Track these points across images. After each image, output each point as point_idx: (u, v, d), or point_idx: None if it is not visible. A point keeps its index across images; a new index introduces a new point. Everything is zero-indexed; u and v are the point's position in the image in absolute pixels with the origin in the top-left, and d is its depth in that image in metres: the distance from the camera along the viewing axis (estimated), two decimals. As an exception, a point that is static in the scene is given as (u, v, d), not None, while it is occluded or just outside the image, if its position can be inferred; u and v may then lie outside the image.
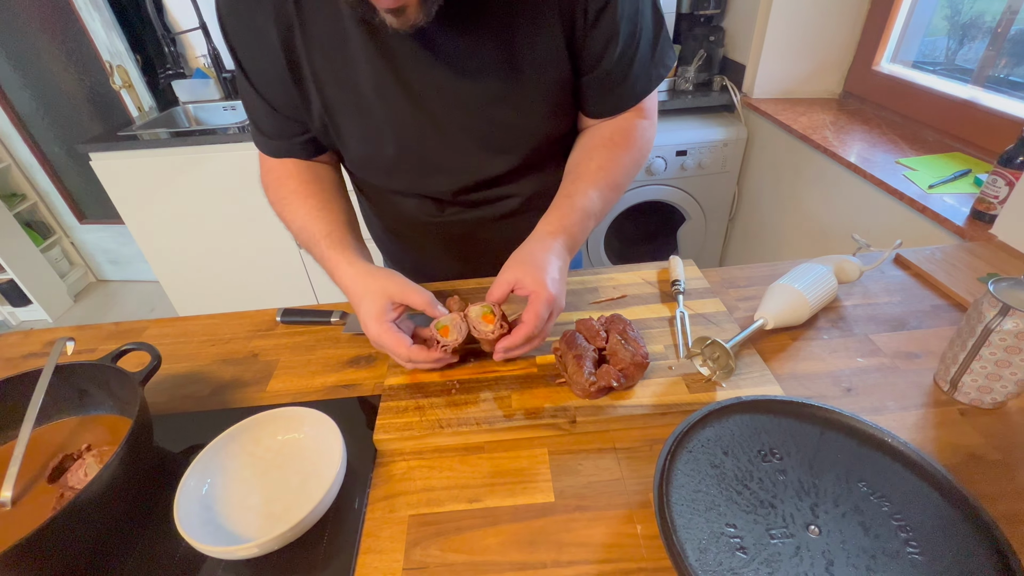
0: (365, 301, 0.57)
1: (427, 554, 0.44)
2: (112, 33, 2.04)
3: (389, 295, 0.57)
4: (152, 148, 1.78)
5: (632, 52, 0.61)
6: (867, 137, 1.33)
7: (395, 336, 0.56)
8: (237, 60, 0.62)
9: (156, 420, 0.54)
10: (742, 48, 1.73)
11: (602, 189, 0.64)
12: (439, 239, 0.80)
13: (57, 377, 0.54)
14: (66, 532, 0.41)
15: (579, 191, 0.63)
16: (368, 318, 0.56)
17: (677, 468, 0.45)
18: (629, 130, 0.67)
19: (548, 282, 0.55)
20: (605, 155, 0.65)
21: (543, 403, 0.55)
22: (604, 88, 0.64)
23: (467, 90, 0.59)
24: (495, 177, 0.70)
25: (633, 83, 0.64)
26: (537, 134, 0.66)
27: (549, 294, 0.54)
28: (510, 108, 0.61)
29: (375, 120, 0.62)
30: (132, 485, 0.47)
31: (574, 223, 0.61)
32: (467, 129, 0.63)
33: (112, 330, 0.77)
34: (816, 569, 0.38)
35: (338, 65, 0.58)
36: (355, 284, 0.58)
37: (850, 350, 0.62)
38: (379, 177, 0.73)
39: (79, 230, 2.70)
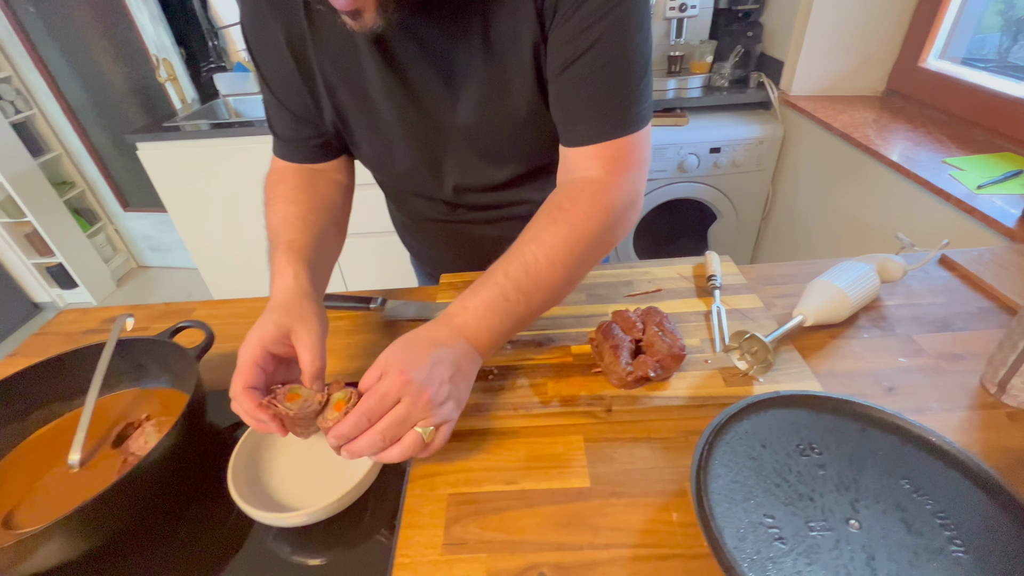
0: (259, 322, 0.49)
1: (466, 531, 0.46)
2: (159, 27, 2.12)
3: (286, 332, 0.49)
4: (194, 139, 1.84)
5: (595, 76, 0.52)
6: (911, 136, 1.29)
7: (243, 368, 0.47)
8: (256, 64, 0.63)
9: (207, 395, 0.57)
10: (781, 44, 1.70)
11: (528, 264, 0.50)
12: (451, 237, 0.82)
13: (118, 351, 0.58)
14: (131, 493, 0.44)
15: (497, 270, 0.51)
16: (255, 335, 0.48)
17: (715, 458, 0.45)
18: (582, 193, 0.53)
19: (408, 360, 0.45)
20: (546, 222, 0.53)
21: (579, 391, 0.56)
22: (560, 107, 0.56)
23: (469, 100, 0.59)
24: (499, 184, 0.70)
25: (589, 113, 0.54)
26: (535, 141, 0.64)
27: (400, 373, 0.43)
28: (502, 110, 0.59)
29: (384, 125, 0.63)
30: (187, 454, 0.50)
31: (479, 304, 0.50)
32: (467, 134, 0.63)
33: (163, 310, 0.81)
34: (856, 562, 0.38)
35: (349, 73, 0.59)
36: (282, 300, 0.51)
37: (892, 350, 0.61)
38: (391, 178, 0.75)
39: (123, 217, 2.82)
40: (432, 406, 0.44)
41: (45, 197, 2.40)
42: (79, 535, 0.42)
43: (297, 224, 0.59)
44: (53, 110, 2.44)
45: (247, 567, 0.45)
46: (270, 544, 0.47)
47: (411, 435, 0.44)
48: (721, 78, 1.78)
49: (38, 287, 2.61)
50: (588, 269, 0.55)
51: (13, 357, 0.74)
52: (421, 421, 0.44)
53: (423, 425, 0.44)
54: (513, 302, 0.50)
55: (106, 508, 0.42)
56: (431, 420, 0.44)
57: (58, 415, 0.57)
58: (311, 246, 0.58)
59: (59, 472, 0.51)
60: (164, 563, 0.46)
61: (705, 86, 1.81)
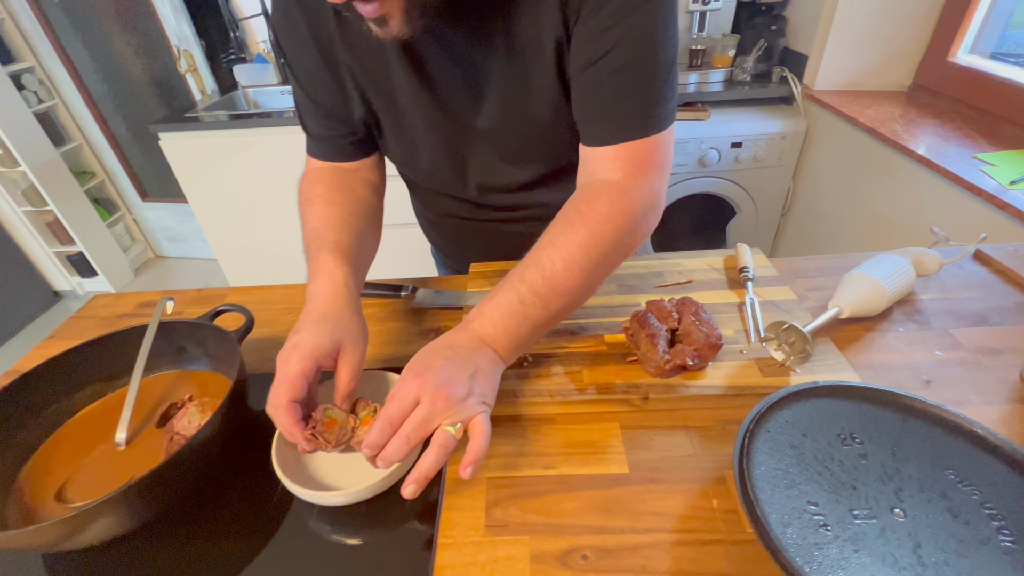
0: (312, 330, 0.48)
1: (507, 514, 0.46)
2: (181, 19, 2.13)
3: (338, 347, 0.49)
4: (214, 129, 1.86)
5: (617, 76, 0.51)
6: (940, 131, 1.28)
7: (293, 379, 0.46)
8: (288, 64, 0.64)
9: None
10: (805, 38, 1.68)
11: (544, 268, 0.50)
12: (475, 233, 0.82)
13: (159, 333, 0.59)
14: (181, 470, 0.44)
15: (513, 275, 0.52)
16: (309, 346, 0.47)
17: (756, 446, 0.45)
18: (600, 196, 0.53)
19: (423, 363, 0.46)
20: (563, 226, 0.52)
21: (614, 379, 0.56)
22: (582, 107, 0.55)
23: (492, 104, 0.59)
24: (522, 185, 0.70)
25: (610, 114, 0.53)
26: (557, 142, 0.63)
27: (416, 376, 0.44)
28: (525, 112, 0.59)
29: (410, 126, 0.64)
30: (232, 434, 0.51)
31: (494, 307, 0.50)
32: (490, 136, 0.63)
33: (195, 295, 0.82)
34: (903, 550, 0.38)
35: (376, 75, 0.59)
36: (335, 310, 0.51)
37: (928, 343, 0.61)
38: (418, 176, 0.75)
39: (141, 207, 2.85)
40: (452, 403, 0.44)
41: (66, 186, 2.43)
42: (131, 509, 0.43)
43: (340, 226, 0.59)
44: (75, 100, 2.47)
45: (288, 544, 0.46)
46: (311, 523, 0.48)
47: (439, 434, 0.44)
48: (743, 72, 1.77)
49: (59, 275, 2.65)
50: (607, 273, 0.54)
51: (51, 339, 0.75)
52: (445, 420, 0.44)
53: (448, 423, 0.44)
54: (529, 305, 0.49)
55: (158, 484, 0.43)
56: (455, 417, 0.44)
57: (102, 395, 0.58)
58: (354, 249, 0.59)
59: (106, 449, 0.52)
60: (209, 538, 0.47)
61: (727, 80, 1.80)
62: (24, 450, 0.52)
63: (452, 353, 0.47)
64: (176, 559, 0.45)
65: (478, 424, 0.45)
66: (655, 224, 0.57)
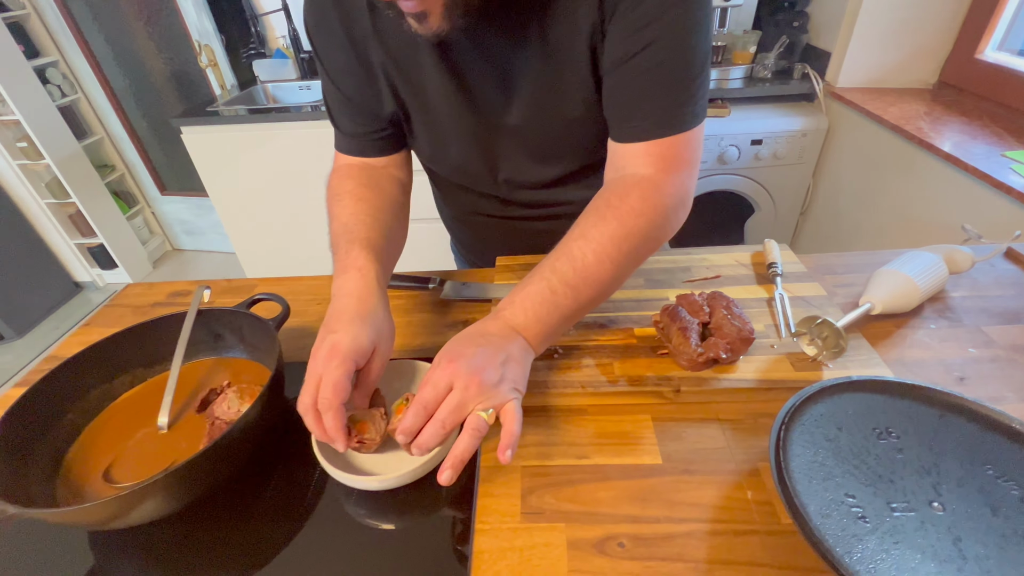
0: (351, 330, 0.48)
1: (542, 501, 0.47)
2: (202, 14, 2.15)
3: (373, 349, 0.49)
4: (234, 124, 1.88)
5: (651, 73, 0.51)
6: (967, 129, 1.26)
7: (339, 382, 0.45)
8: (319, 60, 0.64)
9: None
10: (828, 35, 1.66)
11: (575, 259, 0.51)
12: (500, 229, 0.83)
13: (196, 321, 0.60)
14: (225, 453, 0.45)
15: (544, 265, 0.52)
16: (350, 347, 0.47)
17: (792, 438, 0.45)
18: (632, 190, 0.53)
19: (455, 350, 0.46)
20: (594, 219, 0.53)
21: (645, 372, 0.57)
22: (614, 103, 0.56)
23: (522, 102, 0.60)
24: (550, 181, 0.71)
25: (643, 110, 0.53)
26: (588, 139, 0.64)
27: (447, 361, 0.45)
28: (555, 110, 0.60)
29: (440, 124, 0.65)
30: (271, 419, 0.52)
31: (525, 296, 0.51)
32: (520, 133, 0.64)
33: (225, 286, 0.83)
34: (943, 543, 0.38)
35: (408, 72, 0.60)
36: (370, 309, 0.51)
37: (961, 340, 0.60)
38: (446, 173, 0.76)
39: (160, 201, 2.89)
40: (484, 388, 0.44)
41: (88, 179, 2.47)
42: (178, 490, 0.44)
43: (369, 222, 0.60)
44: (97, 94, 2.50)
45: (325, 526, 0.47)
46: (348, 507, 0.49)
47: (472, 419, 0.44)
48: (764, 69, 1.75)
49: (79, 267, 2.70)
50: (636, 266, 0.55)
51: (87, 326, 0.77)
52: (478, 405, 0.45)
53: (481, 408, 0.45)
54: (560, 295, 0.50)
55: (204, 466, 0.44)
56: (488, 402, 0.45)
57: (142, 380, 0.60)
58: (383, 246, 0.59)
59: (148, 433, 0.54)
60: (249, 520, 0.48)
61: (747, 77, 1.79)
62: (70, 432, 0.53)
63: (484, 340, 0.47)
64: (217, 540, 0.47)
65: (510, 410, 0.45)
66: (683, 220, 0.58)
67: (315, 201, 2.04)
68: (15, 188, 2.37)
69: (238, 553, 0.46)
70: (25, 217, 2.46)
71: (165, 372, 0.60)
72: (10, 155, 2.26)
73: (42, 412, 0.51)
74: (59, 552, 0.47)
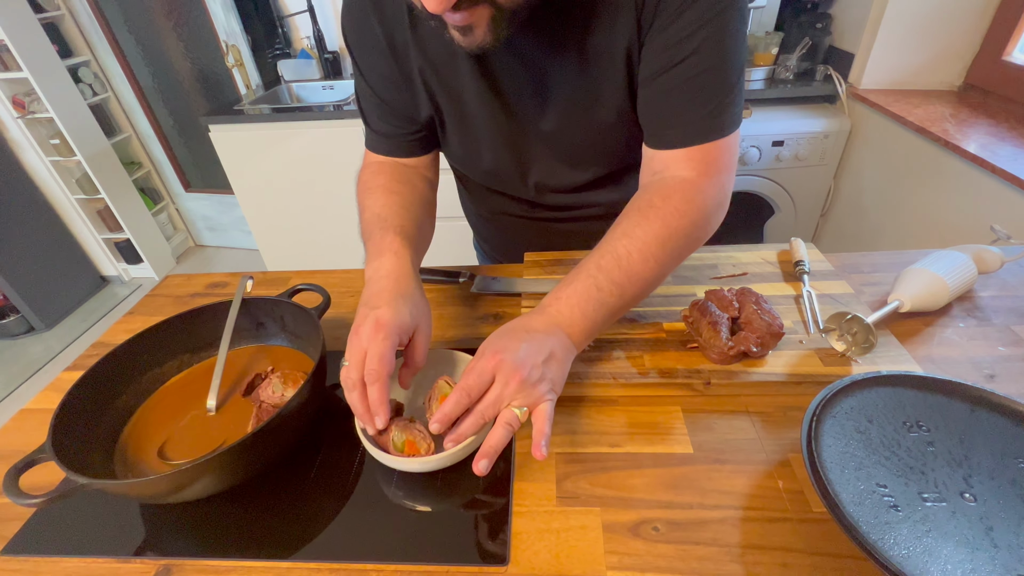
0: (393, 307, 0.49)
1: (577, 486, 0.48)
2: (230, 15, 2.20)
3: (415, 327, 0.51)
4: (259, 122, 1.92)
5: (692, 82, 0.53)
6: (994, 131, 1.25)
7: (385, 353, 0.47)
8: (355, 61, 0.66)
9: (324, 352, 0.61)
10: (851, 36, 1.66)
11: (620, 257, 0.52)
12: (528, 231, 0.85)
13: (241, 309, 0.62)
14: (274, 434, 0.48)
15: (589, 262, 0.52)
16: (393, 322, 0.48)
17: (823, 430, 0.46)
18: (674, 192, 0.54)
19: (501, 343, 0.47)
20: (637, 219, 0.54)
21: (675, 364, 0.58)
22: (653, 111, 0.57)
23: (557, 108, 0.61)
24: (580, 185, 0.72)
25: (683, 118, 0.54)
26: (624, 147, 0.66)
27: (494, 354, 0.46)
28: (589, 116, 0.62)
29: (475, 129, 0.66)
30: (315, 403, 0.54)
31: (572, 293, 0.51)
32: (553, 139, 0.65)
33: (261, 278, 0.86)
34: (975, 532, 0.39)
35: (446, 78, 0.62)
36: (408, 290, 0.53)
37: (990, 339, 0.61)
38: (477, 175, 0.78)
39: (184, 198, 2.95)
40: (525, 385, 0.45)
41: (116, 176, 2.54)
42: (230, 468, 0.46)
43: (402, 213, 0.61)
44: (126, 93, 2.57)
45: (367, 506, 0.49)
46: (388, 489, 0.50)
47: (507, 413, 0.45)
48: (786, 70, 1.75)
49: (106, 261, 2.77)
50: (677, 264, 0.56)
51: (131, 315, 0.80)
52: (515, 401, 0.45)
53: (517, 405, 0.45)
54: (606, 293, 0.51)
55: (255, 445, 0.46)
56: (524, 400, 0.45)
57: (188, 365, 0.62)
58: (415, 236, 0.61)
59: (197, 415, 0.56)
60: (294, 499, 0.50)
61: (769, 78, 1.78)
62: (124, 413, 0.56)
63: (528, 336, 0.48)
64: (262, 518, 0.49)
65: (543, 411, 0.46)
66: (721, 221, 0.59)
67: (337, 198, 2.09)
68: (47, 184, 2.45)
69: (281, 531, 0.47)
70: (56, 212, 2.54)
71: (211, 358, 0.63)
72: (43, 152, 2.32)
73: (100, 393, 0.54)
74: (113, 524, 0.49)
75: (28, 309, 2.39)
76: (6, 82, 2.17)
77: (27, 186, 2.40)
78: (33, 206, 2.42)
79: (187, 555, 0.46)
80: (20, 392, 2.16)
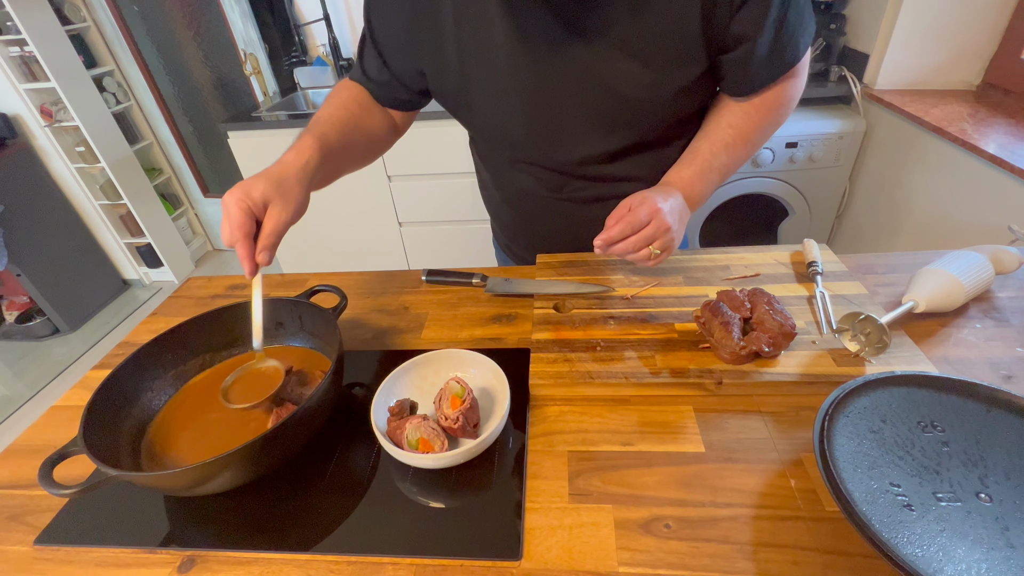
0: (255, 181, 0.56)
1: (589, 484, 0.49)
2: (248, 24, 2.25)
3: (266, 203, 0.55)
4: (277, 128, 1.96)
5: (781, 23, 0.59)
6: (1013, 131, 1.23)
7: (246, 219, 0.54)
8: (372, 32, 0.69)
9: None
10: (866, 36, 1.64)
11: (729, 146, 0.67)
12: (557, 215, 0.83)
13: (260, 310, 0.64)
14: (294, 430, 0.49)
15: (702, 148, 0.68)
16: (241, 190, 0.54)
17: (835, 429, 0.46)
18: (772, 94, 0.66)
19: (657, 197, 0.60)
20: (740, 115, 0.67)
21: (687, 364, 0.58)
22: (749, 65, 0.62)
23: (595, 68, 0.62)
24: (616, 151, 0.72)
25: (782, 53, 0.62)
26: (661, 113, 0.67)
27: (653, 203, 0.59)
28: (636, 86, 0.63)
29: (506, 93, 0.67)
30: (332, 401, 0.55)
31: (692, 175, 0.67)
32: (591, 105, 0.65)
33: (279, 280, 0.88)
34: (991, 532, 0.39)
35: (482, 42, 0.63)
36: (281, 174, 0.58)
37: (1007, 339, 0.60)
38: (505, 147, 0.77)
39: (203, 203, 3.01)
40: (669, 233, 0.60)
41: (138, 182, 2.60)
42: (251, 462, 0.47)
43: (337, 127, 0.67)
44: (148, 101, 2.63)
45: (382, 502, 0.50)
46: (403, 485, 0.51)
47: (645, 250, 0.60)
48: (799, 71, 1.74)
49: (128, 265, 2.83)
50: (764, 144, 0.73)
51: (155, 316, 0.82)
52: (657, 243, 0.59)
53: (656, 246, 0.60)
54: (716, 171, 0.68)
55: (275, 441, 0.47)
56: (662, 243, 0.60)
57: (210, 364, 0.64)
58: (336, 149, 0.66)
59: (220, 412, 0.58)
60: (312, 494, 0.51)
61: (781, 79, 1.77)
62: (150, 409, 0.58)
63: (673, 199, 0.62)
64: (282, 511, 0.50)
65: (664, 257, 0.62)
66: None
67: (351, 202, 2.12)
68: (72, 190, 2.51)
69: (300, 524, 0.49)
70: (81, 218, 2.60)
71: (232, 357, 0.64)
72: (69, 159, 2.39)
73: (127, 390, 0.56)
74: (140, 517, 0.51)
75: (53, 312, 2.46)
76: (35, 92, 2.24)
77: (54, 192, 2.47)
78: (59, 212, 2.49)
79: (210, 546, 0.47)
80: (46, 392, 2.22)
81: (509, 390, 0.54)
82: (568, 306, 0.70)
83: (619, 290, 0.71)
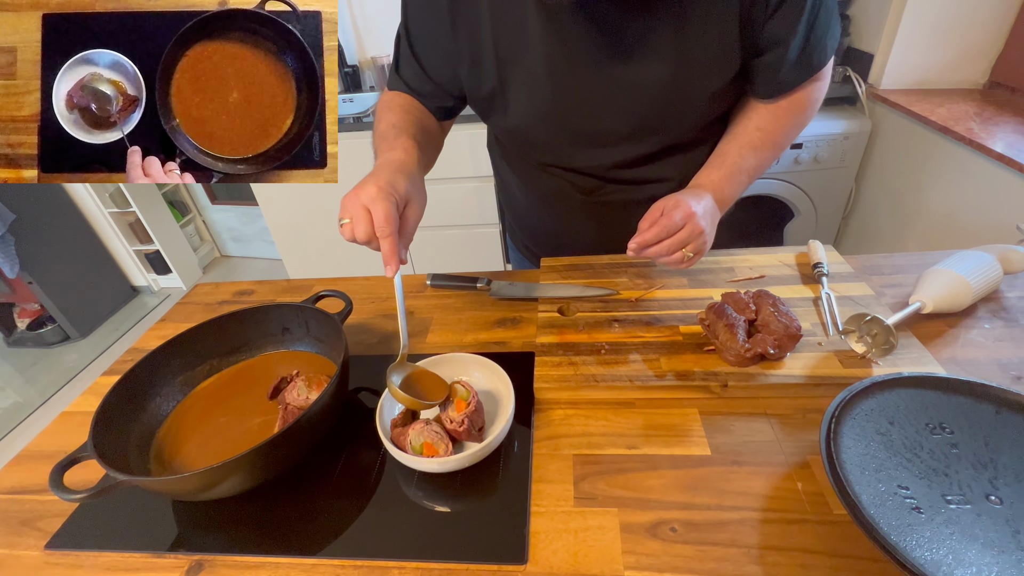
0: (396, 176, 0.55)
1: (594, 487, 0.49)
2: (254, 32, 2.27)
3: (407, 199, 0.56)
4: (285, 135, 1.97)
5: (811, 26, 0.60)
6: (1020, 129, 1.22)
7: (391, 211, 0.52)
8: (408, 35, 0.69)
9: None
10: (870, 37, 1.64)
11: (757, 148, 0.68)
12: (586, 217, 0.83)
13: (266, 314, 0.65)
14: (299, 435, 0.49)
15: (731, 150, 0.68)
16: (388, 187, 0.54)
17: (842, 431, 0.46)
18: (798, 97, 0.67)
19: (690, 201, 0.61)
20: (767, 117, 0.68)
21: (692, 367, 0.58)
22: (780, 67, 0.63)
23: (633, 73, 0.62)
24: (646, 155, 0.72)
25: (811, 56, 0.63)
26: (694, 117, 0.68)
27: (687, 206, 0.60)
28: (672, 92, 0.63)
29: (541, 97, 0.67)
30: (338, 406, 0.56)
31: (722, 178, 0.67)
32: (628, 110, 0.66)
33: (285, 286, 0.88)
34: (1001, 535, 0.39)
35: (519, 46, 0.63)
36: (409, 170, 0.58)
37: (1016, 340, 0.60)
38: (536, 151, 0.78)
39: (210, 210, 3.04)
40: (702, 236, 0.61)
41: (147, 189, 2.62)
42: (258, 467, 0.48)
43: (414, 131, 0.68)
44: (156, 110, 2.66)
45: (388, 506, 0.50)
46: (408, 489, 0.51)
47: (679, 253, 0.60)
48: (803, 72, 1.73)
49: (137, 272, 2.85)
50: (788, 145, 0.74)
51: (163, 322, 0.83)
52: (690, 246, 0.60)
53: (689, 249, 0.60)
54: (744, 173, 0.68)
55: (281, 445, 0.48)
56: (695, 247, 0.61)
57: (218, 370, 0.64)
58: (426, 148, 0.68)
59: (227, 417, 0.58)
60: (318, 498, 0.51)
61: (786, 81, 1.77)
62: (159, 414, 0.58)
63: (705, 203, 0.63)
64: (288, 515, 0.50)
65: (696, 260, 0.62)
66: None
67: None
68: (82, 198, 2.54)
69: (307, 529, 0.49)
70: (90, 225, 2.63)
71: (239, 362, 0.65)
72: (78, 168, 2.42)
73: (136, 396, 0.57)
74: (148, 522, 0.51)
75: (64, 319, 2.48)
76: (45, 102, 2.27)
77: (64, 201, 2.50)
78: (69, 220, 2.52)
79: (218, 551, 0.48)
80: (56, 398, 2.24)
81: (514, 394, 0.54)
82: (573, 309, 0.70)
83: (624, 293, 0.71)
